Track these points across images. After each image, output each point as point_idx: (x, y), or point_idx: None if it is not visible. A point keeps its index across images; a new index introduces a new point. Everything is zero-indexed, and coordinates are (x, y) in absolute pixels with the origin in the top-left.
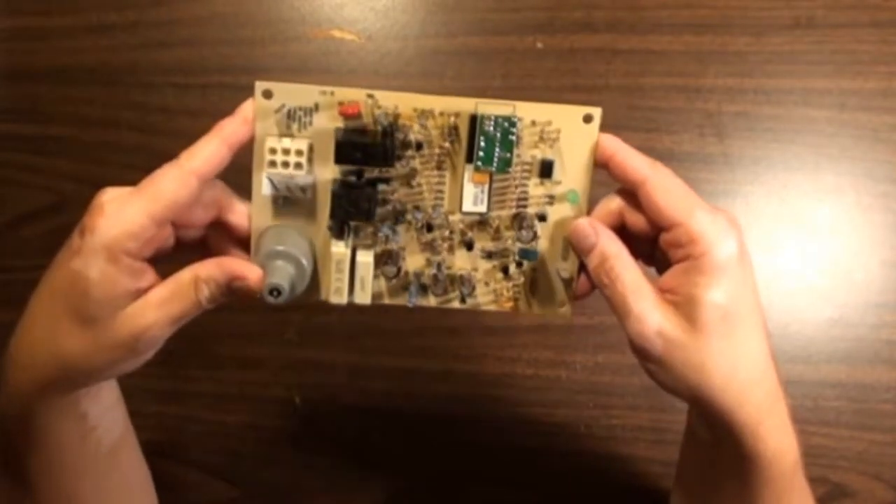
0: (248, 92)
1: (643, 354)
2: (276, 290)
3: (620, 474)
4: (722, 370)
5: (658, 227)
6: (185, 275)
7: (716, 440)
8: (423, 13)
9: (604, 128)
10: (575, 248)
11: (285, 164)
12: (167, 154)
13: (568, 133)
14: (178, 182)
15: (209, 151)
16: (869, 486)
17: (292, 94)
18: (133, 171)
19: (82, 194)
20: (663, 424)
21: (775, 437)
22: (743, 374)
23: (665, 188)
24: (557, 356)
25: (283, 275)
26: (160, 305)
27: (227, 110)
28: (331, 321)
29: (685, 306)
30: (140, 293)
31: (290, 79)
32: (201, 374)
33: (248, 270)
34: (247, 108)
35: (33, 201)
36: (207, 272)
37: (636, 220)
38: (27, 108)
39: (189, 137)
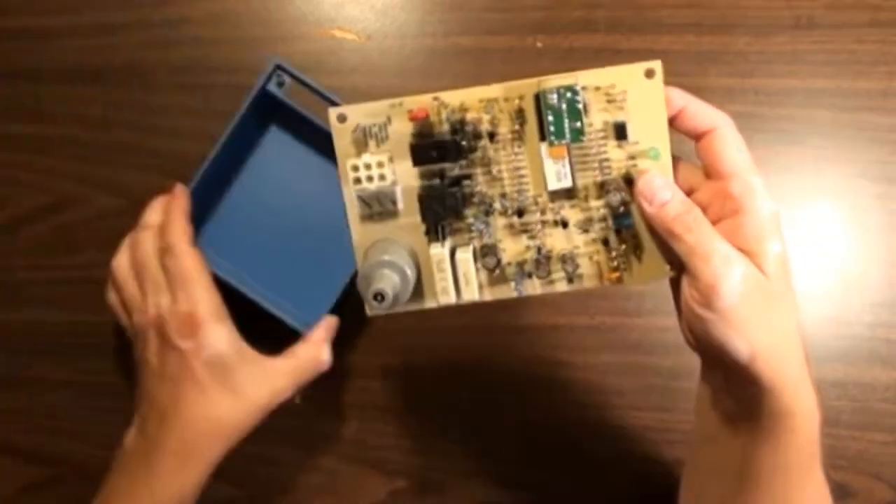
0: (246, 91)
1: (712, 302)
2: (379, 295)
3: (621, 474)
4: (782, 322)
5: (714, 174)
6: (309, 357)
7: (749, 405)
8: (423, 12)
9: None
10: (647, 199)
11: (370, 179)
12: (167, 154)
13: (634, 92)
14: (201, 260)
15: (173, 225)
16: (869, 485)
17: (364, 112)
18: (133, 171)
19: (82, 194)
20: (664, 424)
21: (811, 395)
22: (793, 329)
23: (734, 138)
24: (558, 356)
25: (387, 282)
26: (292, 377)
27: (228, 110)
28: None
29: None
30: (250, 350)
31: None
32: None
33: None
34: (178, 190)
35: (33, 201)
36: (324, 352)
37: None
38: (27, 108)
39: (190, 138)
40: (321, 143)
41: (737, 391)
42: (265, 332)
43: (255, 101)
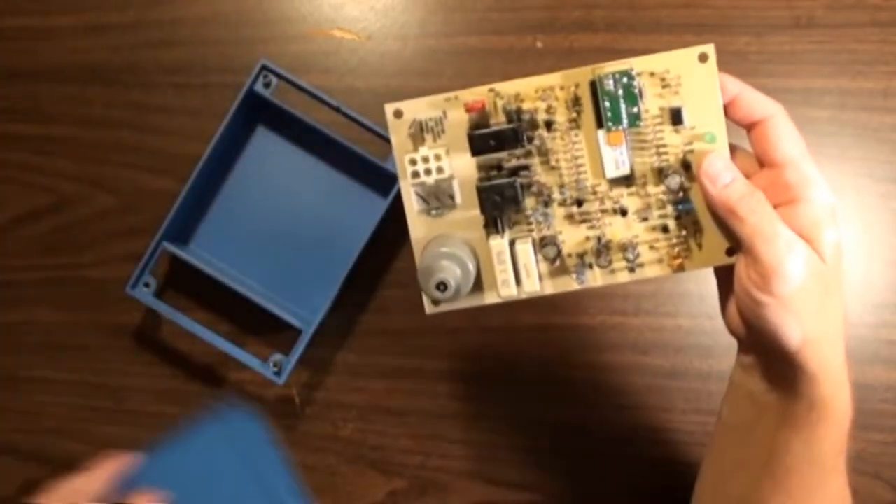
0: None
1: (773, 286)
2: (442, 284)
3: (621, 474)
4: (834, 311)
5: (768, 163)
6: None
7: (787, 393)
8: (424, 12)
9: None
10: (711, 180)
11: (427, 172)
12: (167, 154)
13: (688, 77)
14: None
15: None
16: (869, 485)
17: (420, 108)
18: (133, 171)
19: (82, 194)
20: (665, 424)
21: (847, 389)
22: (841, 319)
23: (787, 126)
24: (559, 356)
25: (449, 272)
26: None
27: (226, 110)
28: (330, 321)
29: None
30: None
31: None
32: (201, 375)
33: None
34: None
35: (33, 201)
36: None
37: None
38: (27, 108)
39: (189, 137)
40: (312, 141)
41: (777, 379)
42: (265, 331)
43: (244, 102)
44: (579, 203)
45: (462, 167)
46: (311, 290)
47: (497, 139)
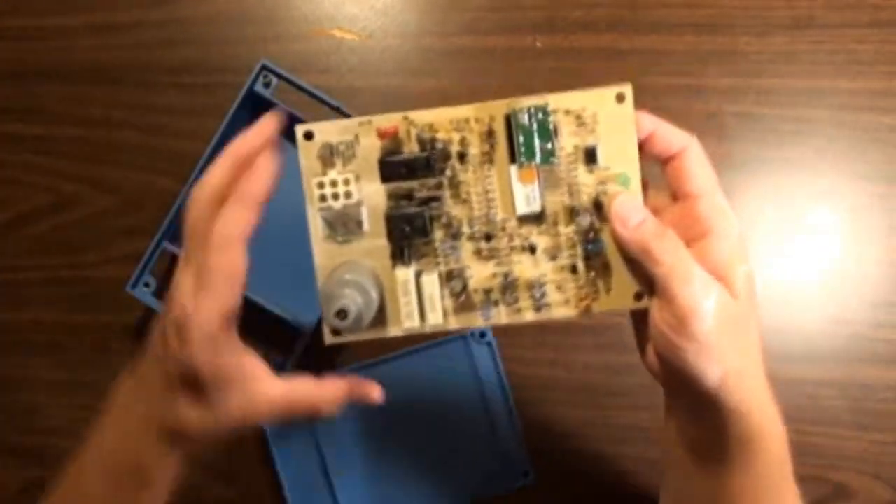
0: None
1: (688, 327)
2: (343, 312)
3: (620, 474)
4: (748, 345)
5: (681, 195)
6: (309, 394)
7: (717, 433)
8: (424, 12)
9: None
10: (621, 222)
11: (335, 196)
12: (168, 154)
13: (605, 116)
14: (232, 256)
15: (242, 219)
16: (869, 486)
17: (332, 131)
18: (134, 171)
19: (82, 194)
20: (662, 424)
21: (776, 415)
22: (758, 350)
23: (701, 158)
24: (557, 356)
25: (350, 300)
26: (274, 406)
27: (228, 109)
28: None
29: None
30: (245, 365)
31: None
32: None
33: (371, 394)
34: (264, 163)
35: (34, 201)
36: (334, 397)
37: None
38: (27, 108)
39: (190, 137)
40: None
41: (704, 420)
42: (265, 331)
43: (244, 102)
44: (488, 238)
45: (371, 194)
46: (311, 290)
47: (408, 167)
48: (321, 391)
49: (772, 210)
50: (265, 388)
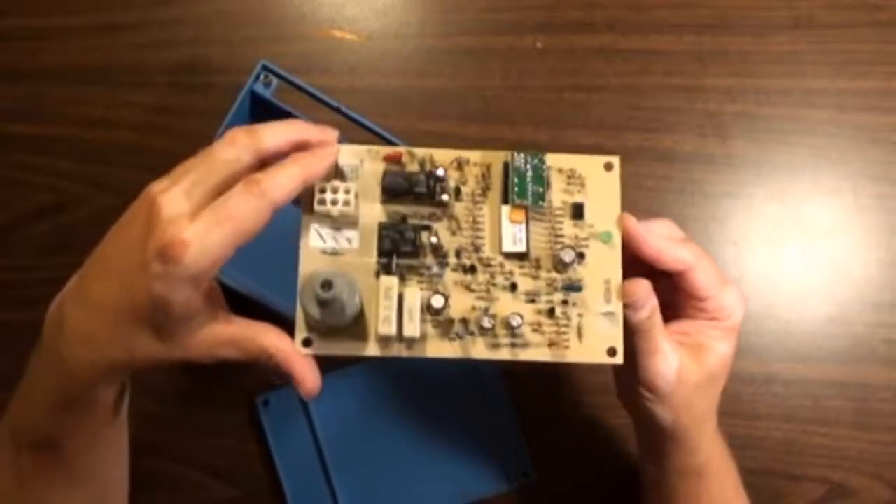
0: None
1: (655, 389)
2: (328, 283)
3: (621, 474)
4: (704, 401)
5: (687, 296)
6: (261, 339)
7: (676, 462)
8: (423, 12)
9: (606, 127)
10: (629, 302)
11: (334, 202)
12: (168, 154)
13: (593, 179)
14: (259, 214)
15: (288, 184)
16: (869, 485)
17: (340, 153)
18: (134, 171)
19: (82, 194)
20: None
21: (722, 445)
22: (712, 404)
23: (705, 271)
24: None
25: (335, 279)
26: (229, 344)
27: (228, 110)
28: None
29: (696, 351)
30: (212, 312)
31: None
32: (201, 374)
33: (308, 379)
34: (331, 149)
35: (33, 201)
36: (278, 354)
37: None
38: (29, 107)
39: (190, 137)
40: None
41: (661, 447)
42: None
43: (244, 102)
44: (472, 270)
45: (368, 213)
46: None
47: (410, 181)
48: (276, 341)
49: (773, 209)
50: (221, 327)
